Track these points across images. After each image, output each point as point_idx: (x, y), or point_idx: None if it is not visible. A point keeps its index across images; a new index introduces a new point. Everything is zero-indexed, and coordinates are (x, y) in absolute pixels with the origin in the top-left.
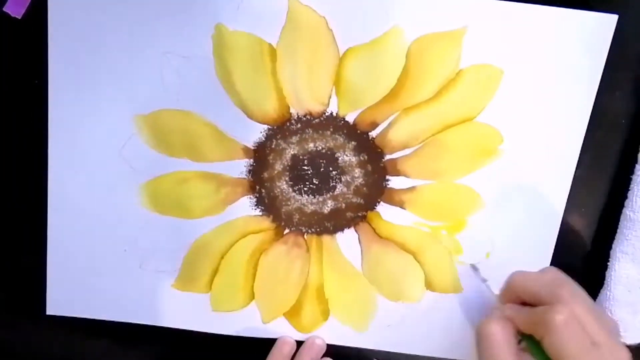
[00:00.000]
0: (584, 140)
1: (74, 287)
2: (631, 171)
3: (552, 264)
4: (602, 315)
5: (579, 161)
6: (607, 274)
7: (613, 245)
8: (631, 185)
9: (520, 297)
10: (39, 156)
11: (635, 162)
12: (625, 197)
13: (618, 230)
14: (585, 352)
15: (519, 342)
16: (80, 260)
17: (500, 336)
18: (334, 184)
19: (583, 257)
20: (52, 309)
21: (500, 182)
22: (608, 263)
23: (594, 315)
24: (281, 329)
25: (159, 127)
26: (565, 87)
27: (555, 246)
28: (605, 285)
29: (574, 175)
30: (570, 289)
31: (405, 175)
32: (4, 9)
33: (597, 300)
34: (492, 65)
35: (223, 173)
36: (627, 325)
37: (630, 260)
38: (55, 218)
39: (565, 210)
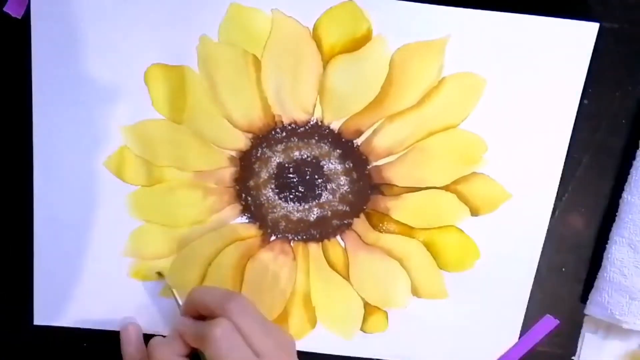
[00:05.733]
0: (583, 141)
1: (61, 297)
2: (633, 156)
3: (550, 265)
4: (273, 330)
5: (578, 161)
6: (604, 256)
7: (612, 229)
8: (631, 170)
9: (199, 311)
10: (24, 167)
11: (636, 147)
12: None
13: (617, 215)
14: None
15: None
16: (67, 270)
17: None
18: (319, 191)
19: (582, 257)
20: (39, 319)
21: (486, 190)
22: (606, 245)
23: (261, 329)
24: None
25: (144, 137)
26: (548, 96)
27: (555, 246)
28: (602, 267)
29: (574, 176)
30: (239, 302)
31: (390, 182)
32: (4, 9)
33: (595, 282)
34: (474, 73)
35: (209, 181)
36: (622, 309)
37: (627, 244)
38: (42, 228)
39: (565, 210)
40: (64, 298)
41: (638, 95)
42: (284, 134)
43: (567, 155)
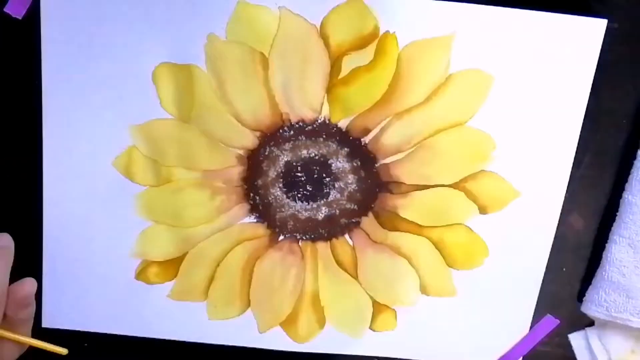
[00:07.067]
0: (584, 141)
1: (70, 300)
2: (633, 156)
3: (551, 265)
4: None
5: (579, 161)
6: (604, 255)
7: (612, 229)
8: (631, 170)
9: None
10: (34, 168)
11: (637, 147)
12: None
13: (617, 214)
14: None
15: None
16: (75, 272)
17: None
18: (327, 190)
19: (582, 257)
20: (47, 322)
21: (494, 188)
22: (606, 244)
23: None
24: (277, 339)
25: (153, 137)
26: (556, 92)
27: (555, 246)
28: (601, 266)
29: (574, 176)
30: None
31: (399, 180)
32: (5, 10)
33: (593, 280)
34: (481, 70)
35: (217, 181)
36: (618, 308)
37: (627, 245)
38: (51, 229)
39: (565, 210)
40: (72, 301)
41: (638, 95)
42: (292, 132)
43: None
